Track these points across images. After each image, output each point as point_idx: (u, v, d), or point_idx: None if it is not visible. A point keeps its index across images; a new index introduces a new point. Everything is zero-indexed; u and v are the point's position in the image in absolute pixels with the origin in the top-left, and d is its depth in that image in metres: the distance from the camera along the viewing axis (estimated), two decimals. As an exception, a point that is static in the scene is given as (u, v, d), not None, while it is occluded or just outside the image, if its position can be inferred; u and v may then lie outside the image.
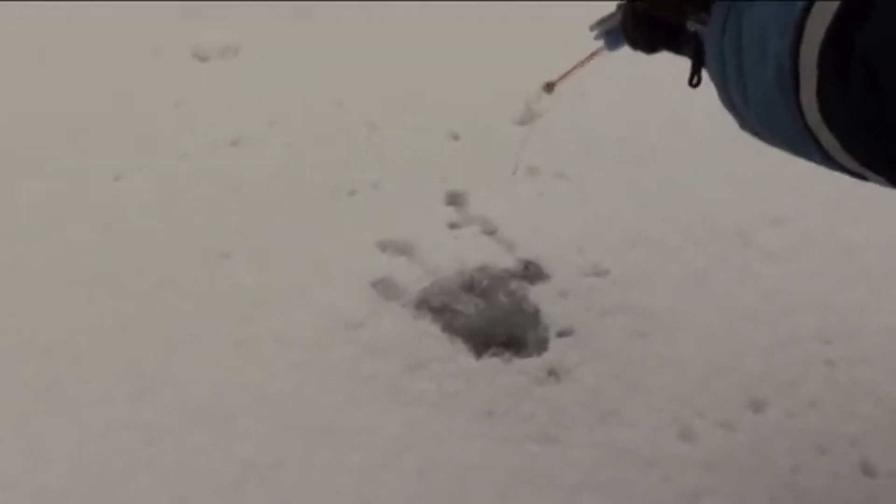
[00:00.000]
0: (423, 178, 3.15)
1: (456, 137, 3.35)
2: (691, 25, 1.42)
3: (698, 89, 1.50)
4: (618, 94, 3.49)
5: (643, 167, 3.22)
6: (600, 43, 1.74)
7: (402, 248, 2.90)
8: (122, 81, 3.57)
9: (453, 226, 3.01)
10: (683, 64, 1.50)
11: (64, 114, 3.36)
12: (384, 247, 2.90)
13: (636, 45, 1.60)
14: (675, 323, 2.64)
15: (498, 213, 3.03)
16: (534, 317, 2.71)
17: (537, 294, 2.77)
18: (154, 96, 3.50)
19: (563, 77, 1.96)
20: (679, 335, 2.61)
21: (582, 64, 1.88)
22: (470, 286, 2.80)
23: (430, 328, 2.65)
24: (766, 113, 1.23)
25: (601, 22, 1.71)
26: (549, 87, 2.02)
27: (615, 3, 1.65)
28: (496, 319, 2.70)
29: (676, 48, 1.53)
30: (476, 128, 3.36)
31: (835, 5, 1.08)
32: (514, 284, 2.81)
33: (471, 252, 2.90)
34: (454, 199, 3.09)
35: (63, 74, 3.57)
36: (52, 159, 3.15)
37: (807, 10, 1.10)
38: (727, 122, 1.44)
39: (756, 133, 1.32)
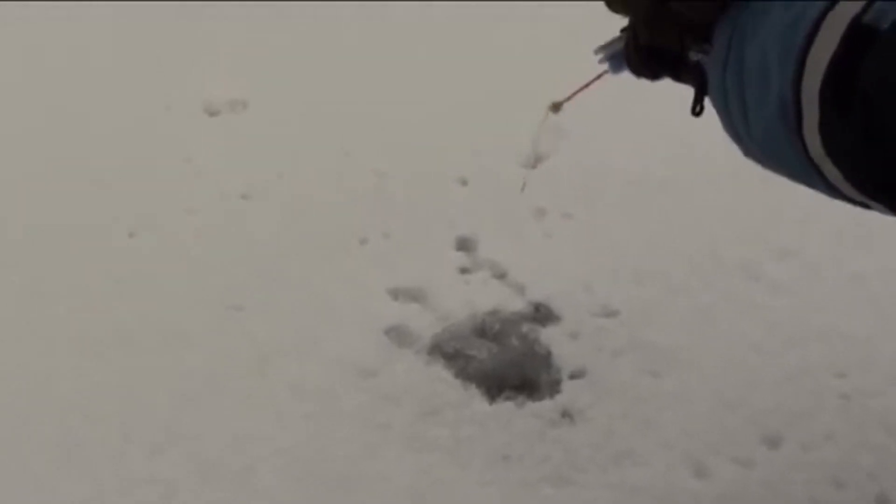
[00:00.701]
0: (432, 225, 3.17)
1: (464, 183, 3.36)
2: (693, 55, 1.43)
3: (701, 122, 1.51)
4: (621, 132, 3.50)
5: (648, 203, 3.23)
6: (605, 65, 1.75)
7: (413, 295, 2.92)
8: (133, 137, 3.60)
9: (464, 270, 3.02)
10: (685, 98, 1.51)
11: (75, 171, 3.38)
12: (396, 294, 2.92)
13: (639, 72, 1.61)
14: (685, 359, 2.65)
15: (507, 256, 3.04)
16: (546, 359, 2.72)
17: (549, 336, 2.78)
18: (165, 151, 3.52)
19: (569, 98, 1.97)
20: (689, 371, 2.62)
21: (587, 86, 1.89)
22: (482, 331, 2.81)
23: (443, 374, 2.66)
24: (769, 144, 1.24)
25: (606, 46, 1.72)
26: (556, 107, 2.03)
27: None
28: (509, 363, 2.71)
29: (679, 77, 1.54)
30: (483, 172, 3.37)
31: (835, 41, 1.10)
32: (525, 327, 2.82)
33: (482, 296, 2.91)
34: (464, 244, 3.10)
35: (73, 132, 3.60)
36: (66, 216, 3.18)
37: (807, 46, 1.12)
38: (730, 155, 1.46)
39: (759, 161, 1.34)
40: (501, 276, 2.99)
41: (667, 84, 1.63)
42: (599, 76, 1.80)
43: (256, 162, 3.44)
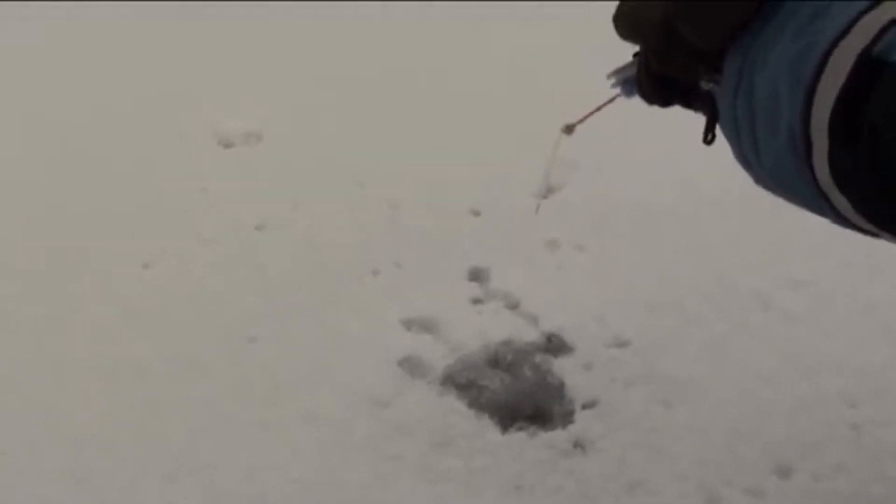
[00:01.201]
0: (444, 255, 3.18)
1: (477, 214, 3.38)
2: (704, 84, 1.43)
3: (712, 152, 1.52)
4: (631, 164, 3.52)
5: (660, 235, 3.24)
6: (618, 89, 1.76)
7: (426, 325, 2.93)
8: (149, 169, 3.62)
9: (476, 301, 3.03)
10: (695, 129, 1.51)
11: (89, 202, 3.41)
12: (409, 324, 2.93)
13: (650, 99, 1.61)
14: (698, 390, 2.65)
15: (520, 287, 3.05)
16: (558, 389, 2.73)
17: (561, 367, 2.79)
18: (181, 183, 3.55)
19: (581, 120, 1.97)
20: (702, 402, 2.62)
21: (599, 109, 1.89)
22: (495, 361, 2.82)
23: (456, 404, 2.67)
24: (779, 173, 1.24)
25: (618, 71, 1.73)
26: (569, 129, 2.03)
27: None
28: (522, 393, 2.72)
29: (690, 104, 1.54)
30: (496, 203, 3.39)
31: (844, 73, 1.11)
32: (538, 358, 2.83)
33: (494, 327, 2.92)
34: (476, 275, 3.12)
35: (89, 164, 3.63)
36: (81, 248, 3.20)
37: (816, 77, 1.13)
38: (741, 185, 1.46)
39: (770, 189, 1.34)
40: (514, 306, 3.00)
41: (676, 115, 1.63)
42: (612, 100, 1.80)
43: (271, 193, 3.47)
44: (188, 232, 3.28)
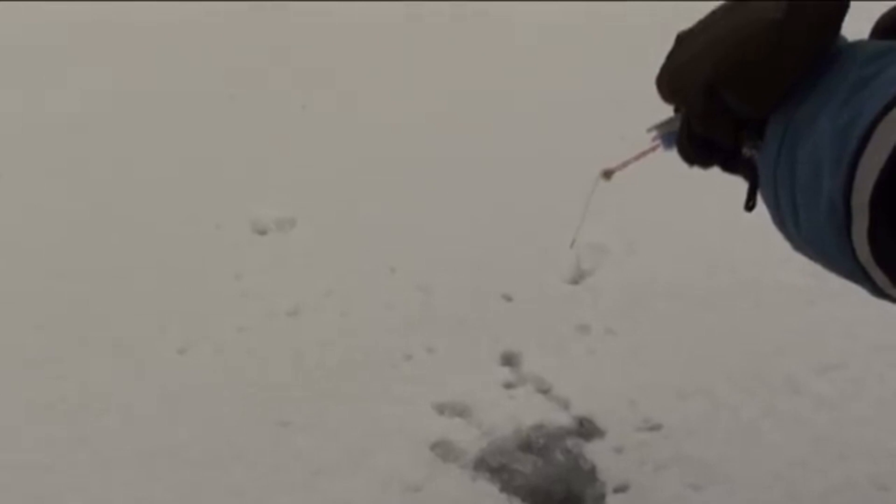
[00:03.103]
0: (476, 340, 3.21)
1: (508, 298, 3.41)
2: (746, 151, 1.43)
3: (743, 238, 1.52)
4: (662, 249, 3.53)
5: (691, 319, 3.26)
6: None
7: (458, 410, 2.95)
8: (183, 255, 3.67)
9: (508, 385, 3.05)
10: (724, 213, 1.52)
11: (125, 288, 3.45)
12: (441, 409, 2.95)
13: (690, 160, 1.60)
14: (729, 473, 2.65)
15: (551, 371, 3.07)
16: (590, 473, 2.74)
17: (593, 450, 2.80)
18: (215, 269, 3.59)
19: (620, 167, 1.98)
20: (732, 485, 2.62)
21: (639, 157, 1.90)
22: (527, 445, 2.83)
23: (488, 488, 2.68)
24: (818, 243, 1.22)
25: (660, 126, 1.72)
26: (608, 175, 2.04)
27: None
28: (554, 477, 2.73)
29: (731, 169, 1.54)
30: (527, 288, 3.42)
31: (888, 148, 1.09)
32: (569, 442, 2.84)
33: (526, 411, 2.94)
34: (508, 360, 3.14)
35: (124, 250, 3.67)
36: (117, 334, 3.24)
37: (860, 151, 1.10)
38: (772, 269, 1.48)
39: (809, 257, 1.33)
40: (546, 391, 3.01)
41: (706, 199, 1.65)
42: (652, 149, 1.80)
43: (304, 279, 3.50)
44: (223, 317, 3.32)
